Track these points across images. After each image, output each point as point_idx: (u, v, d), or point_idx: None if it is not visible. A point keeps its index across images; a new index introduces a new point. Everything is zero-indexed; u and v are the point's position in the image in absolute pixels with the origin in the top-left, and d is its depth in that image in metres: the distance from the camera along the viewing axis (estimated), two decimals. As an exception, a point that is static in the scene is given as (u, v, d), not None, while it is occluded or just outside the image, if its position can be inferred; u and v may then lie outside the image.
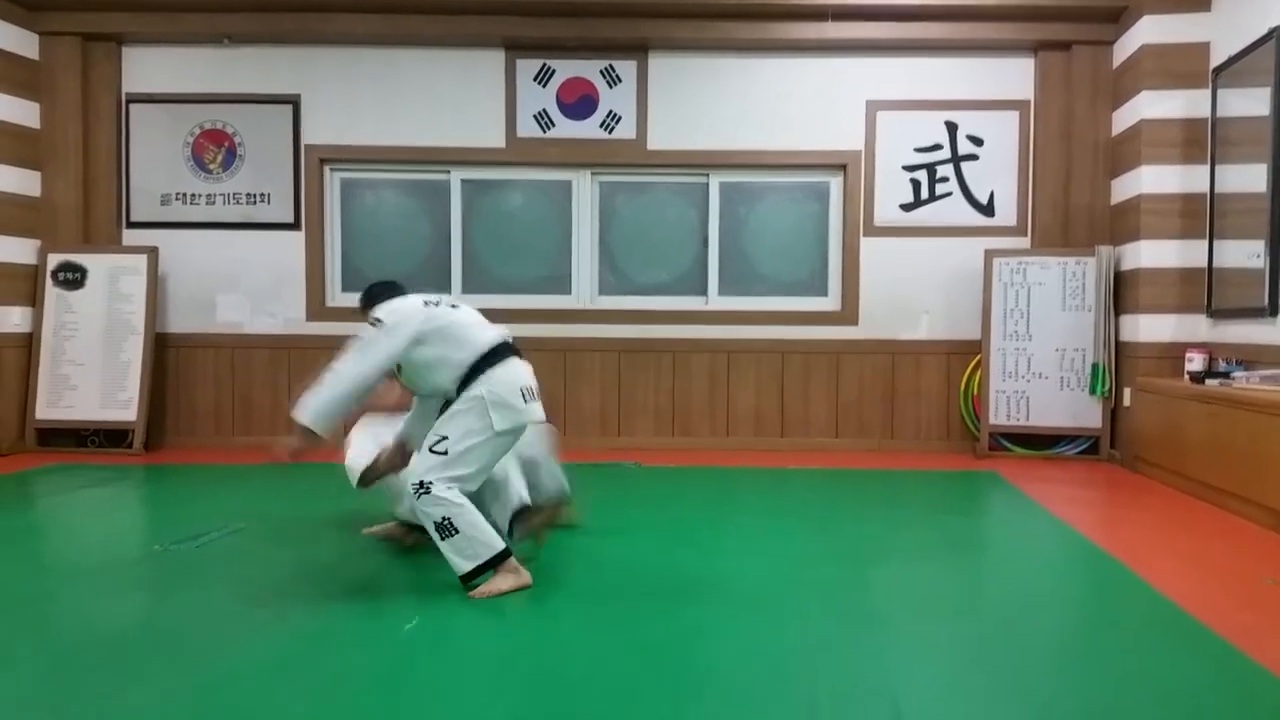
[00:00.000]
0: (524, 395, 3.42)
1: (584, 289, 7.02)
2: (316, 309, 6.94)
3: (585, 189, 6.99)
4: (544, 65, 6.84)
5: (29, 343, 6.67)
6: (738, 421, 6.93)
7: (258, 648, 2.84)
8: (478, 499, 3.41)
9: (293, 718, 2.33)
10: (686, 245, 7.03)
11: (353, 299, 6.95)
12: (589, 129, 6.87)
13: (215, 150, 6.94)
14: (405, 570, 3.62)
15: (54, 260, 6.73)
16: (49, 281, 6.72)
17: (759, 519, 4.69)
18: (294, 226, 6.94)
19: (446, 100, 6.88)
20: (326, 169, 6.98)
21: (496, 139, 6.88)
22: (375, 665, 2.70)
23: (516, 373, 3.47)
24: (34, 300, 6.71)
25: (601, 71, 6.85)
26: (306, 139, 6.91)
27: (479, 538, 3.26)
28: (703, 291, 7.00)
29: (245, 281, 6.95)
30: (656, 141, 6.86)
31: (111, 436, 6.66)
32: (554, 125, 6.88)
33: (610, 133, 6.87)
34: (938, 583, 3.63)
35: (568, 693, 2.47)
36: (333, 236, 7.04)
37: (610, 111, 6.85)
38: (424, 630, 2.98)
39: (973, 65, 6.77)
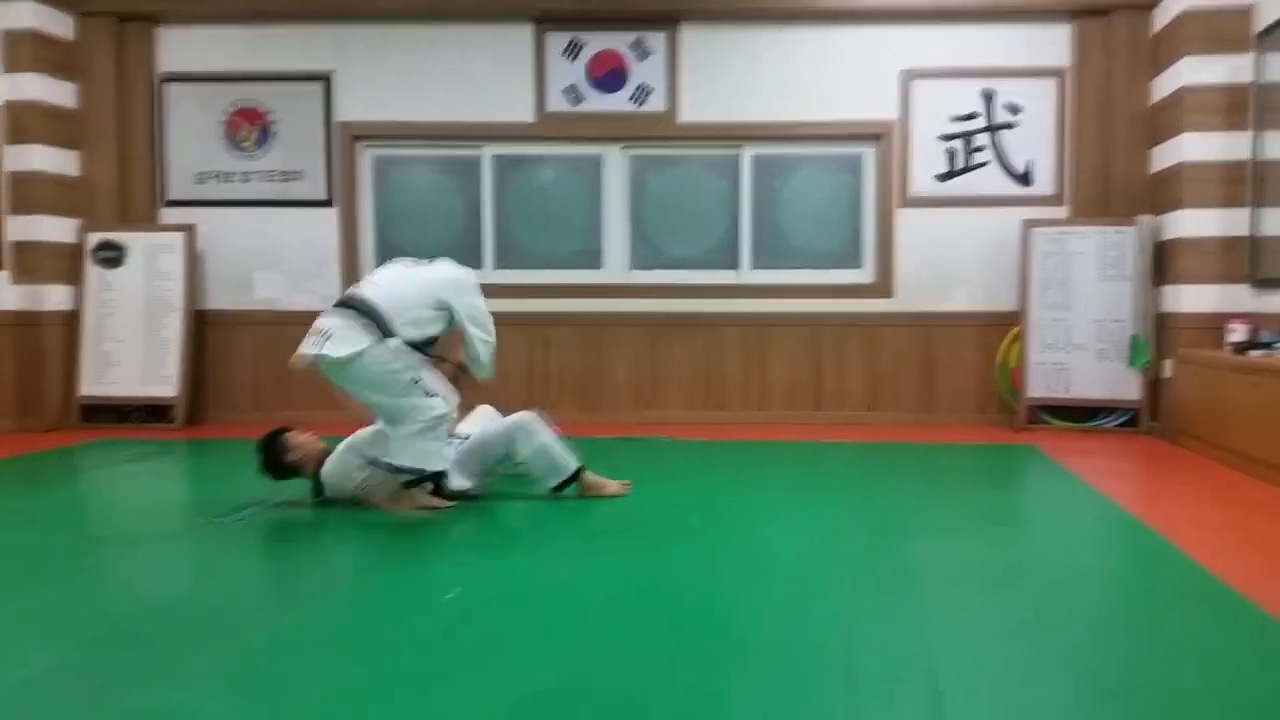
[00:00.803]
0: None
1: (616, 263, 7.01)
2: (351, 285, 6.97)
3: (616, 163, 6.96)
4: (573, 39, 6.81)
5: (71, 321, 6.78)
6: (771, 395, 6.91)
7: (303, 617, 2.88)
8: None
9: (339, 685, 2.37)
10: (718, 218, 6.99)
11: (387, 275, 7.04)
12: (619, 102, 6.84)
13: (249, 128, 6.99)
14: (445, 542, 3.66)
15: (94, 239, 6.83)
16: (89, 260, 6.82)
17: (794, 492, 4.69)
18: (327, 204, 6.98)
19: (476, 75, 6.87)
20: (359, 146, 7.01)
21: (526, 114, 6.87)
22: (418, 634, 2.73)
23: None
24: (75, 279, 6.81)
25: (631, 44, 6.80)
26: (339, 116, 6.94)
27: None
28: (735, 265, 6.97)
29: (281, 259, 7.01)
30: (687, 114, 6.82)
31: (153, 412, 6.76)
32: (584, 99, 6.85)
33: (641, 106, 6.83)
34: (975, 555, 3.61)
35: (604, 663, 2.49)
36: (366, 213, 7.08)
37: (640, 84, 6.81)
38: (464, 600, 3.01)
39: (1009, 32, 6.66)
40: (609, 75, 6.82)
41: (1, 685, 2.36)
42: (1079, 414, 6.52)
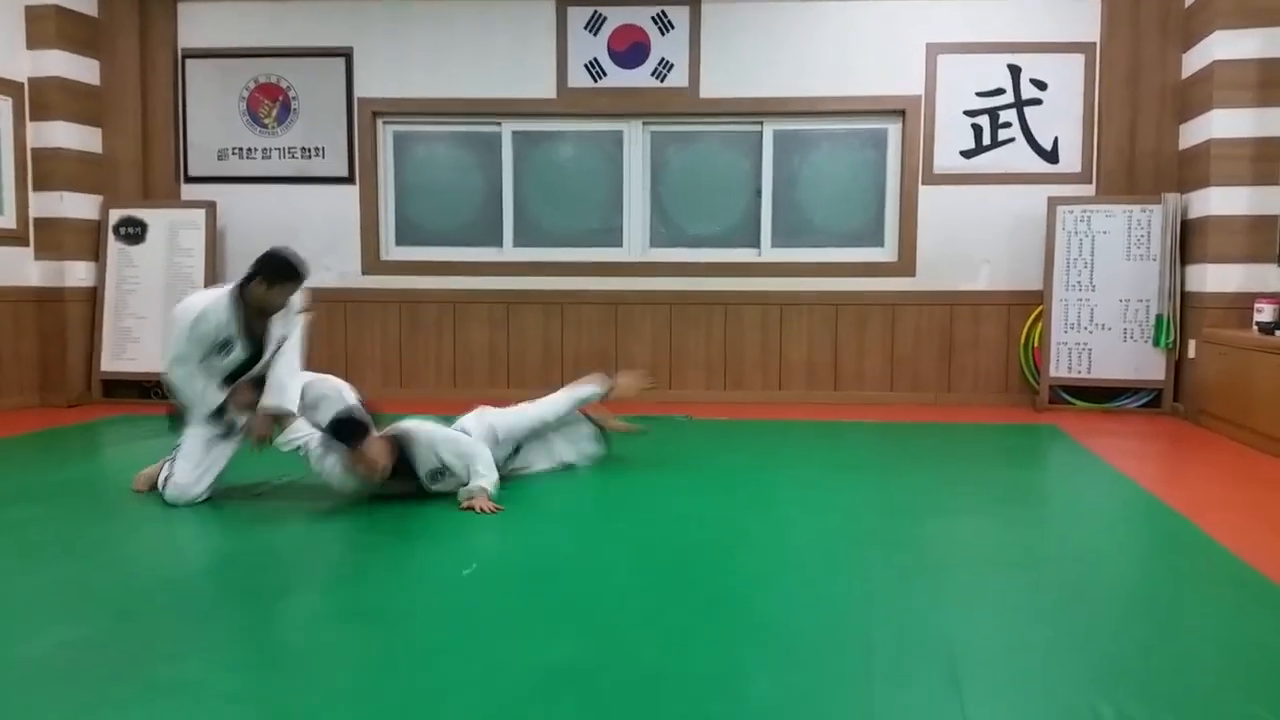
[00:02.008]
0: None
1: (635, 241, 6.98)
2: (372, 262, 7.00)
3: (636, 139, 6.92)
4: (595, 12, 6.76)
5: (93, 297, 6.82)
6: (790, 375, 6.88)
7: (322, 592, 2.90)
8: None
9: (358, 658, 2.39)
10: (739, 196, 6.94)
11: (407, 253, 7.11)
12: (640, 77, 6.79)
13: (270, 105, 6.98)
14: (462, 518, 3.66)
15: (115, 215, 6.86)
16: (111, 236, 6.85)
17: (812, 472, 4.67)
18: (348, 180, 6.98)
19: (497, 51, 6.84)
20: (379, 122, 7.00)
21: (547, 89, 6.83)
22: (436, 608, 2.74)
23: None
24: (97, 255, 6.84)
25: (653, 18, 6.74)
26: (359, 92, 6.92)
27: None
28: (755, 243, 6.92)
29: (302, 235, 6.98)
30: (709, 89, 6.76)
31: (175, 388, 6.80)
32: (605, 74, 6.80)
33: (662, 81, 6.78)
34: (996, 535, 3.59)
35: (622, 638, 2.49)
36: (386, 190, 7.07)
37: (662, 59, 6.76)
38: (482, 575, 3.02)
39: (1036, 6, 6.55)
40: (631, 50, 6.77)
41: (26, 657, 2.38)
42: (1101, 394, 6.45)
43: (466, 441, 3.91)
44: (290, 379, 3.82)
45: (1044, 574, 3.08)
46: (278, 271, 3.74)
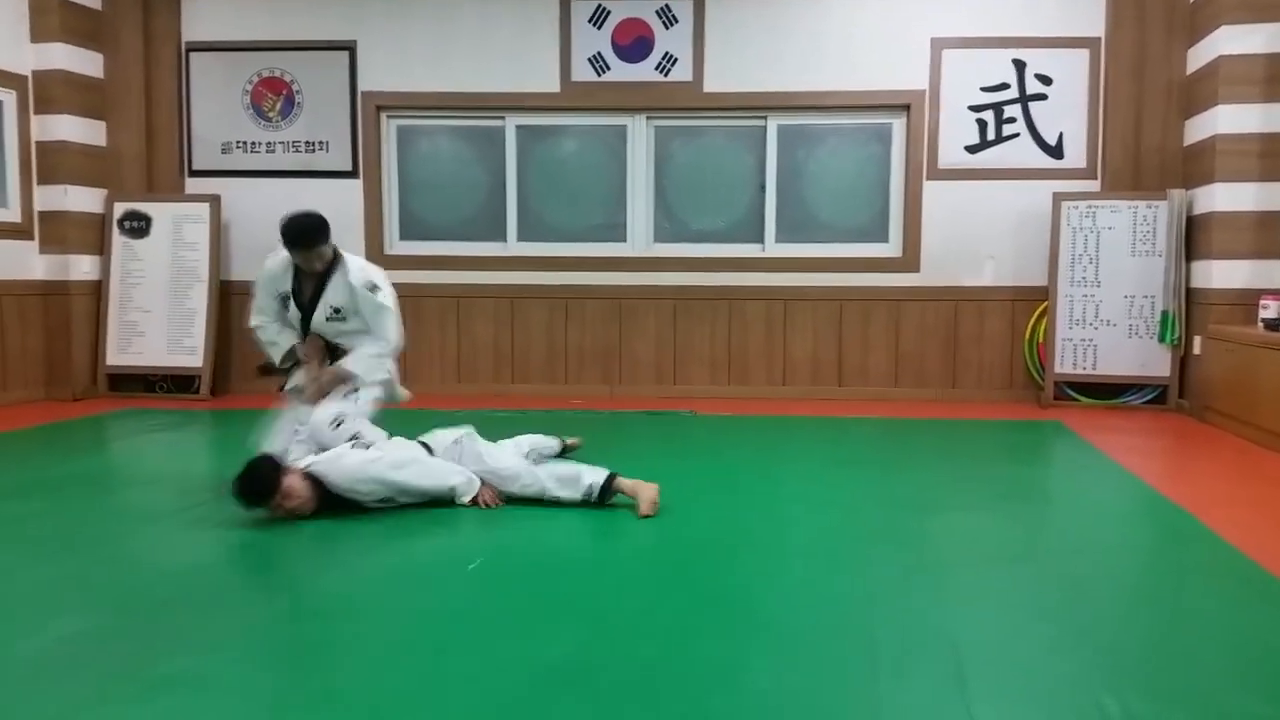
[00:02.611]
0: None
1: (639, 236, 6.97)
2: (375, 256, 6.96)
3: (640, 133, 6.91)
4: (599, 6, 6.74)
5: (98, 290, 6.83)
6: (794, 370, 6.87)
7: (326, 587, 2.90)
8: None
9: (361, 653, 2.39)
10: (743, 191, 6.93)
11: (411, 247, 7.10)
12: (644, 71, 6.77)
13: (274, 98, 6.98)
14: (466, 514, 3.66)
15: (120, 209, 6.86)
16: (115, 230, 6.85)
17: (816, 468, 4.66)
18: (352, 174, 6.97)
19: (501, 44, 6.82)
20: (383, 116, 6.99)
21: (551, 83, 6.82)
22: (441, 602, 2.75)
23: None
24: (101, 248, 6.84)
25: (658, 12, 6.73)
26: (363, 86, 6.91)
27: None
28: (759, 238, 6.91)
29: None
30: (713, 84, 6.74)
31: (179, 382, 6.82)
32: (609, 68, 6.79)
33: (666, 75, 6.76)
34: (1000, 531, 3.58)
35: (625, 634, 2.49)
36: (390, 184, 7.07)
37: (666, 53, 6.75)
38: (486, 570, 3.02)
39: (1041, 1, 6.53)
40: (635, 44, 6.75)
41: (32, 650, 2.39)
42: (1106, 391, 6.44)
43: (384, 465, 3.63)
44: (364, 352, 4.05)
45: (1049, 569, 3.07)
46: (287, 237, 3.97)
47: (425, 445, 3.85)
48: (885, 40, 6.63)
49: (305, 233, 3.96)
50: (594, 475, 3.71)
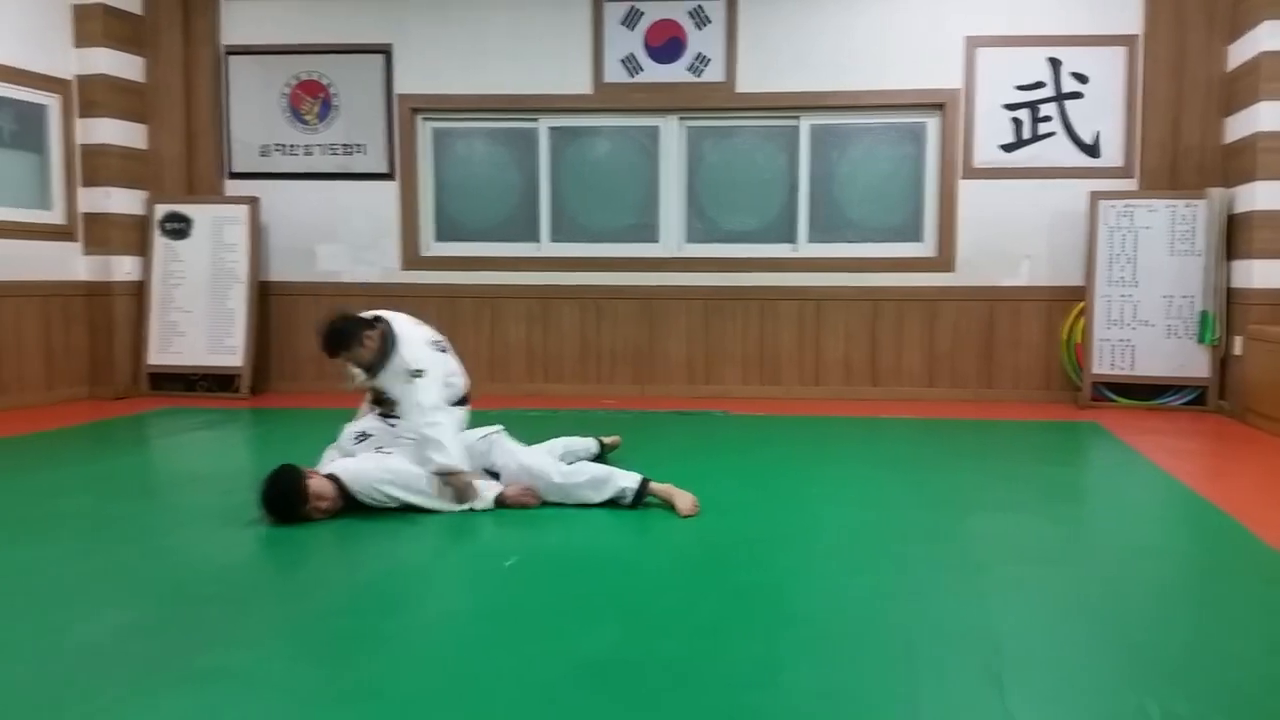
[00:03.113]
0: None
1: (671, 237, 6.98)
2: (411, 258, 7.05)
3: (673, 134, 6.92)
4: (632, 7, 6.76)
5: (139, 291, 6.94)
6: (827, 370, 6.85)
7: (363, 583, 2.94)
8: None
9: (399, 649, 2.42)
10: (775, 191, 6.92)
11: (446, 248, 7.15)
12: (677, 72, 6.78)
13: (311, 101, 7.06)
14: (502, 513, 3.69)
15: (161, 210, 6.97)
16: (156, 231, 6.96)
17: (850, 467, 4.65)
18: (388, 177, 7.04)
19: (534, 47, 6.86)
20: (418, 118, 7.05)
21: (584, 85, 6.85)
22: (477, 599, 2.77)
23: None
24: (143, 249, 6.96)
25: (690, 12, 6.74)
26: (399, 89, 6.98)
27: None
28: (792, 238, 6.90)
29: (343, 231, 7.09)
30: (746, 84, 6.74)
31: (219, 381, 6.91)
32: (641, 70, 6.81)
33: (698, 76, 6.77)
34: (1037, 531, 3.55)
35: (661, 632, 2.50)
36: (426, 186, 7.13)
37: (699, 54, 6.75)
38: (521, 568, 3.04)
39: (1078, -1, 6.49)
40: (667, 44, 6.77)
41: (78, 642, 2.44)
42: (1144, 392, 6.37)
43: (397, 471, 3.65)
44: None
45: (1087, 570, 3.05)
46: (322, 345, 3.85)
47: None
48: (919, 39, 6.60)
49: (328, 340, 3.81)
50: (627, 479, 3.71)
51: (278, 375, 7.12)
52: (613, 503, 3.70)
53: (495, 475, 3.83)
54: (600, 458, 4.35)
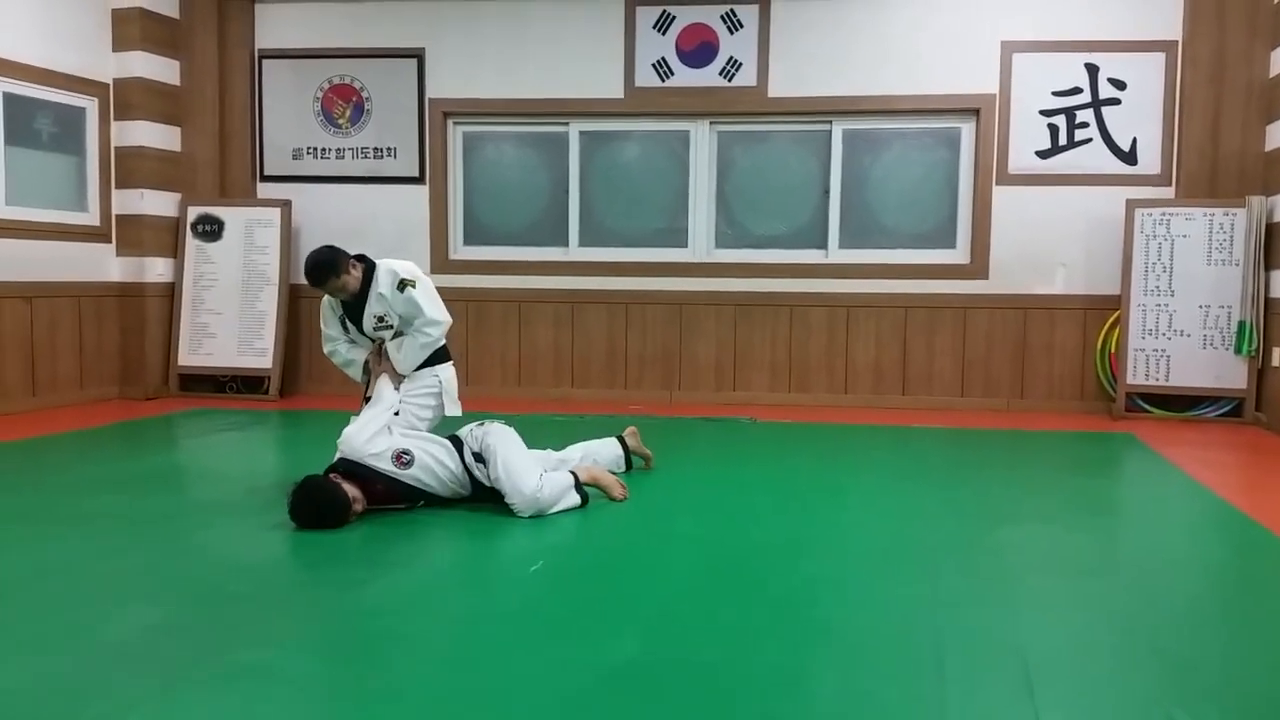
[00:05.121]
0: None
1: (700, 242, 6.95)
2: (440, 261, 7.06)
3: (703, 139, 6.90)
4: (664, 12, 6.75)
5: (171, 292, 7.00)
6: (857, 378, 6.79)
7: (390, 586, 2.93)
8: None
9: (427, 652, 2.41)
10: (806, 196, 6.88)
11: (475, 252, 7.17)
12: (708, 77, 6.76)
13: (344, 105, 7.10)
14: (528, 519, 3.67)
15: (193, 213, 7.03)
16: (189, 233, 7.02)
17: (879, 476, 4.60)
18: (419, 180, 7.06)
19: (566, 51, 6.87)
20: (450, 122, 7.07)
21: (615, 89, 6.85)
22: (503, 603, 2.76)
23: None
24: (175, 251, 7.02)
25: (722, 16, 6.71)
26: (430, 93, 7.01)
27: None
28: (823, 244, 6.85)
29: (373, 235, 7.09)
30: (777, 89, 6.71)
31: (248, 383, 6.96)
32: (673, 74, 6.79)
33: (730, 80, 6.75)
34: (1069, 543, 3.50)
35: (688, 637, 2.48)
36: (455, 190, 7.15)
37: (730, 58, 6.73)
38: (548, 572, 3.03)
39: (1115, 3, 6.38)
40: (699, 49, 6.75)
41: (109, 639, 2.45)
42: (1180, 403, 6.27)
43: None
44: (409, 343, 4.06)
45: (1120, 582, 2.99)
46: (307, 276, 4.02)
47: (456, 439, 3.84)
48: (953, 43, 6.54)
49: (309, 274, 3.98)
50: (571, 494, 3.72)
51: (307, 378, 7.16)
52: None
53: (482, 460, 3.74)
54: (627, 461, 4.31)
